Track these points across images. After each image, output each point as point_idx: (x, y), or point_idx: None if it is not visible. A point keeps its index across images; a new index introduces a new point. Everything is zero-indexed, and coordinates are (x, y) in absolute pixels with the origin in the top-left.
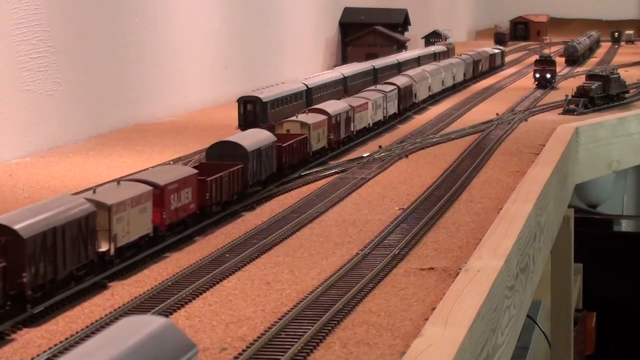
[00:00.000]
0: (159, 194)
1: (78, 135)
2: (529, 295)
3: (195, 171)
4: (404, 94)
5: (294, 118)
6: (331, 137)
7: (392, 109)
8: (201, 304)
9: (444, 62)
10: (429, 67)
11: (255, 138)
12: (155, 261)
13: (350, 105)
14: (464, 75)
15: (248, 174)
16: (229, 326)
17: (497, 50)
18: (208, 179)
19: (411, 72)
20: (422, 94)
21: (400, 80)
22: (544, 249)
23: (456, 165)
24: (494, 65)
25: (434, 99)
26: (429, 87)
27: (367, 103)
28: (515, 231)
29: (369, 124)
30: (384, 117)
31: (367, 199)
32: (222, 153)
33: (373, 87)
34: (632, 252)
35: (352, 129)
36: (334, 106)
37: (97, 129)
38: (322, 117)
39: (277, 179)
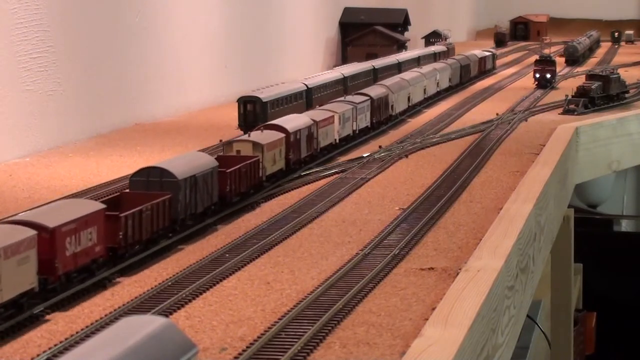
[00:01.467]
0: (49, 239)
1: (78, 135)
2: (529, 295)
3: (102, 206)
4: (378, 105)
5: (245, 137)
6: (290, 156)
7: (364, 122)
8: (201, 304)
9: (426, 68)
10: (408, 74)
11: (190, 164)
12: (156, 261)
13: (312, 120)
14: (450, 81)
15: (178, 205)
16: (229, 326)
17: (487, 53)
18: (121, 214)
19: (387, 81)
20: (400, 105)
21: (374, 90)
22: (544, 249)
23: (456, 165)
24: (483, 69)
25: (415, 109)
26: (409, 97)
27: (332, 117)
28: (515, 231)
29: (335, 139)
30: (354, 131)
31: (367, 199)
32: (149, 181)
33: (342, 98)
34: (632, 252)
35: (315, 147)
36: (293, 122)
37: (97, 129)
38: (279, 135)
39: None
